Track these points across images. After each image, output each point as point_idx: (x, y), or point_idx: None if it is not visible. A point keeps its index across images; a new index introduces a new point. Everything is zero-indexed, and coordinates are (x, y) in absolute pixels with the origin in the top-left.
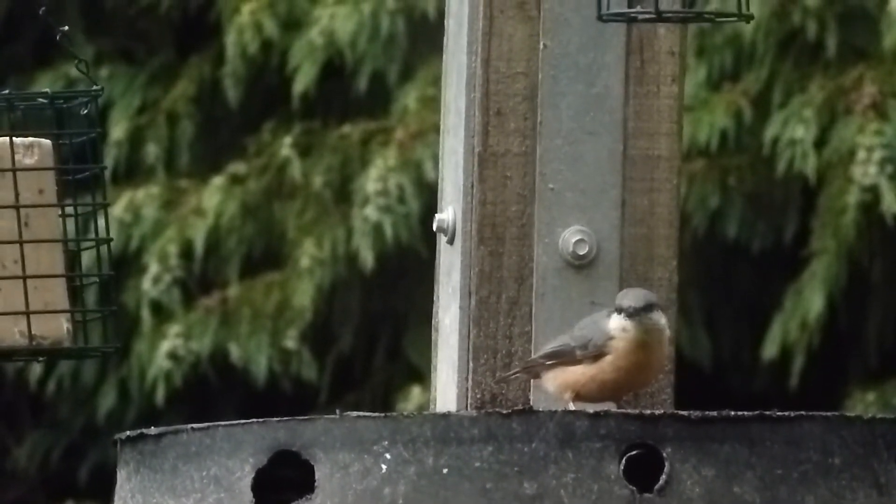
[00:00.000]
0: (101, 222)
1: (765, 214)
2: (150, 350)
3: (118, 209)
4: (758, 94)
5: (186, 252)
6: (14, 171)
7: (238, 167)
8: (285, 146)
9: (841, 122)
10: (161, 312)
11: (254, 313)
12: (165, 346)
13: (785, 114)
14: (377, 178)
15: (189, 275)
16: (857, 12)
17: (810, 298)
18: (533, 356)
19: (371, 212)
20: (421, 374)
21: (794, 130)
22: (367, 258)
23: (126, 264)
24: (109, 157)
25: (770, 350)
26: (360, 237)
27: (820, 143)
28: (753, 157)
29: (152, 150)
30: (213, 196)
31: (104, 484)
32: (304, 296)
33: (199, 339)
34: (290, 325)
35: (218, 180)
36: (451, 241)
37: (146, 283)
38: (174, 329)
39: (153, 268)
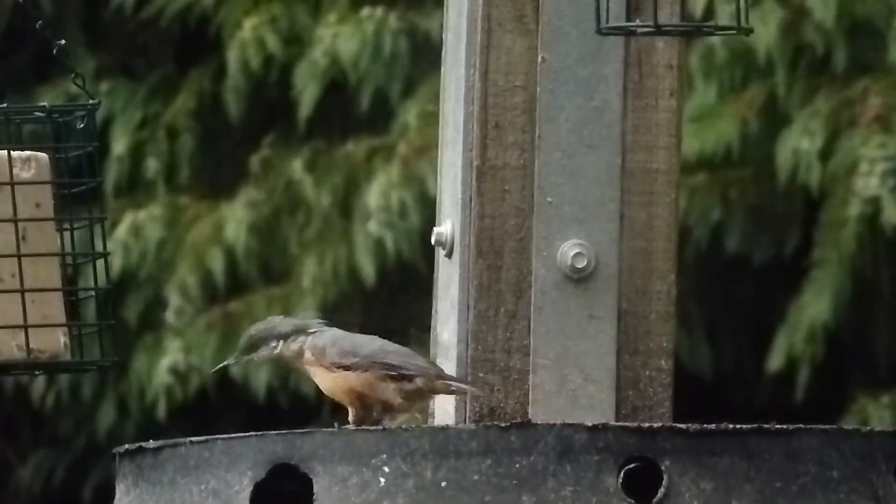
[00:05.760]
0: (99, 236)
1: (766, 227)
2: (150, 366)
3: (122, 228)
4: (764, 106)
5: (204, 277)
6: (12, 184)
7: (251, 193)
8: (297, 170)
9: (845, 135)
10: (178, 336)
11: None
12: (165, 362)
13: (791, 126)
14: (380, 193)
15: (207, 300)
16: (864, 25)
17: (814, 309)
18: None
19: (373, 227)
20: None
21: (799, 142)
22: (370, 273)
23: (128, 280)
24: (111, 172)
25: (775, 362)
26: (362, 253)
27: (824, 154)
28: (755, 170)
29: (153, 165)
30: (230, 225)
31: (108, 501)
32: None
33: (199, 353)
34: None
35: (235, 209)
36: (449, 255)
37: (170, 316)
38: (175, 344)
39: (174, 300)
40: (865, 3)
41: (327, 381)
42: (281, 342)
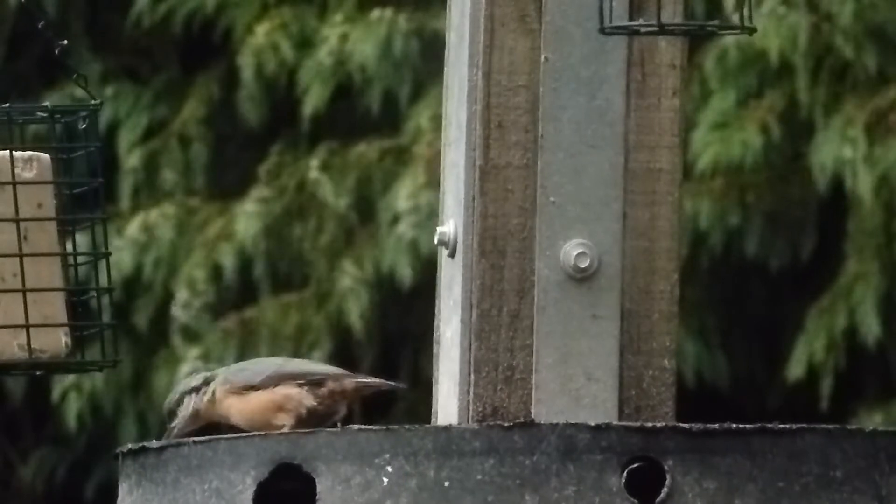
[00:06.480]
0: (101, 236)
1: (782, 232)
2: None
3: (132, 231)
4: (784, 112)
5: (215, 276)
6: (14, 184)
7: (262, 191)
8: (312, 168)
9: (880, 144)
10: (190, 336)
11: (273, 335)
12: (184, 369)
13: (825, 134)
14: (408, 195)
15: (218, 298)
16: (884, 30)
17: (862, 321)
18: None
19: (405, 228)
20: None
21: (840, 150)
22: (405, 275)
23: (139, 284)
24: (125, 184)
25: (797, 370)
26: (397, 254)
27: (866, 162)
28: (771, 175)
29: (168, 176)
30: (241, 221)
31: (110, 500)
32: (327, 318)
33: (218, 363)
34: (313, 349)
35: (247, 206)
36: (452, 255)
37: (177, 311)
38: (193, 352)
39: (182, 294)
40: (877, 10)
41: (245, 407)
42: (195, 395)
